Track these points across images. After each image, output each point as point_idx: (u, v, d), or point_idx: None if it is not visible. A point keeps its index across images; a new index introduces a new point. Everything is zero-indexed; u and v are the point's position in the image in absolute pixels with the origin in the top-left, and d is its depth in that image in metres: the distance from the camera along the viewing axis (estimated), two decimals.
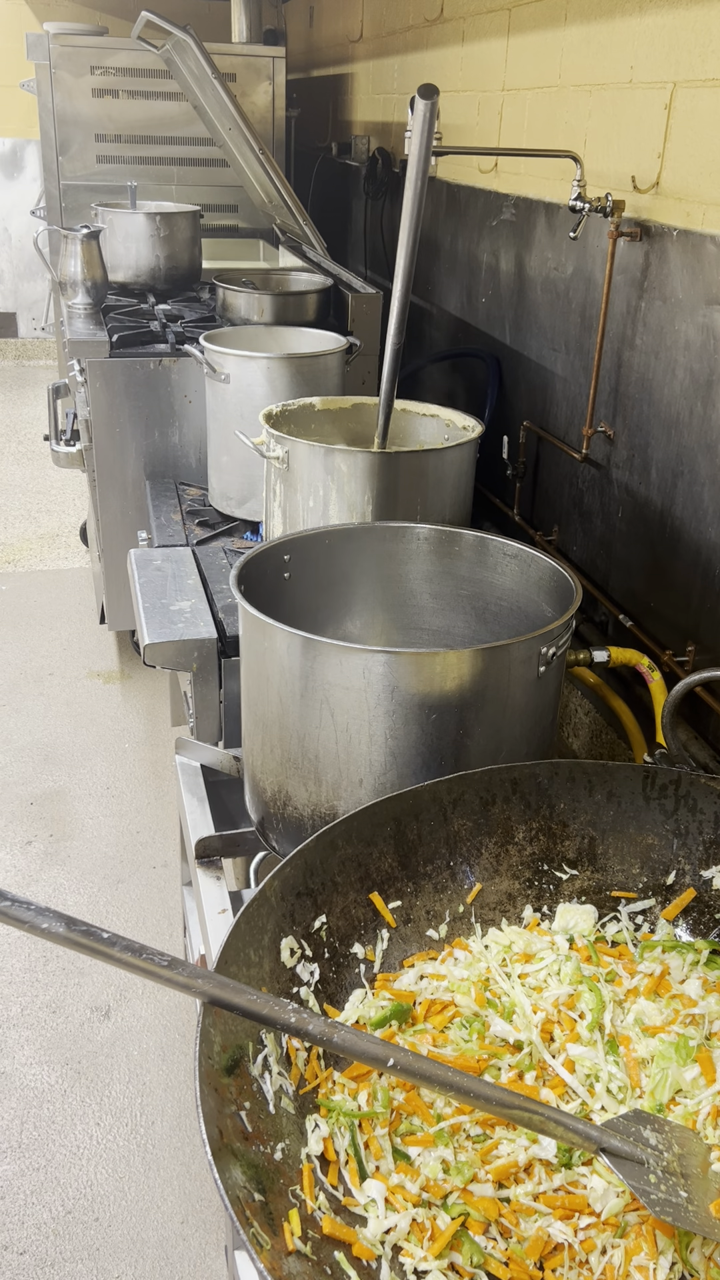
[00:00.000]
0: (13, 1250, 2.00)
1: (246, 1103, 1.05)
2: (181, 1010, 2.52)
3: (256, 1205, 0.96)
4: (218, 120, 3.79)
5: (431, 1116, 1.13)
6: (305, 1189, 1.04)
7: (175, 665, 1.99)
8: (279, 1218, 0.97)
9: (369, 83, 4.16)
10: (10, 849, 3.01)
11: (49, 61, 4.28)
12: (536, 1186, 1.06)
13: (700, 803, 1.37)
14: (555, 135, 2.38)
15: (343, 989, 1.27)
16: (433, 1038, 1.22)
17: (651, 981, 1.27)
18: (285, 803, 1.55)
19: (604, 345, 2.16)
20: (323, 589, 1.81)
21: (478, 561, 1.79)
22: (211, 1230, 2.05)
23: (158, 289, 3.72)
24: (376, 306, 3.15)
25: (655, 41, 1.94)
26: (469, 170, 3.00)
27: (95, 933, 0.93)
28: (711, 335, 1.80)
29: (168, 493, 2.94)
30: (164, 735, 3.56)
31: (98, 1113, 2.27)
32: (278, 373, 2.48)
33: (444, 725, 1.44)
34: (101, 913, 2.79)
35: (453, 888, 1.37)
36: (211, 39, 3.62)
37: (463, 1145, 1.10)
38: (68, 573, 4.70)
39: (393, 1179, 1.07)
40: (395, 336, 1.88)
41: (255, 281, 3.41)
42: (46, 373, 7.84)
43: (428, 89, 1.63)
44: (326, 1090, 1.15)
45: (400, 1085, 1.15)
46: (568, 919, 1.37)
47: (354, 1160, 1.09)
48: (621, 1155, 1.00)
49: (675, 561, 1.97)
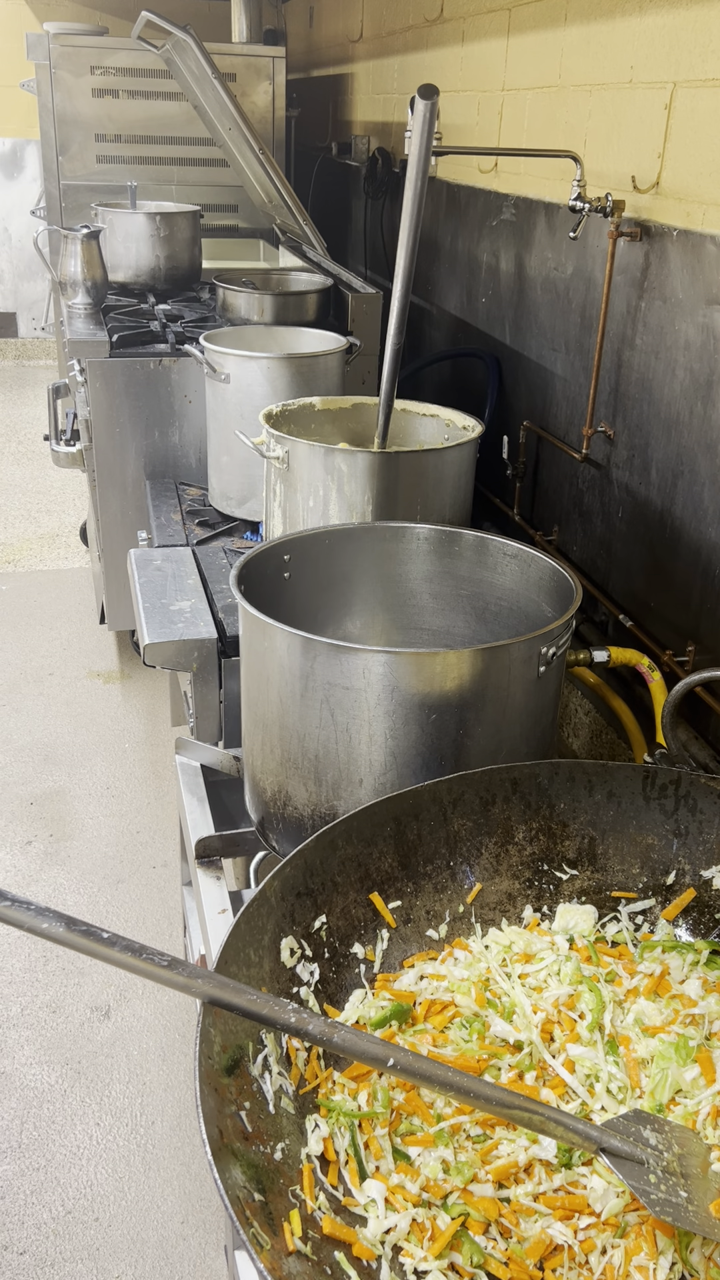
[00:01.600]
0: (13, 1250, 2.00)
1: (246, 1103, 1.05)
2: (181, 1010, 2.52)
3: (256, 1205, 0.96)
4: (218, 120, 3.79)
5: (431, 1116, 1.13)
6: (305, 1189, 1.04)
7: (175, 665, 1.99)
8: (279, 1218, 0.97)
9: (369, 83, 4.16)
10: (10, 849, 3.01)
11: (49, 61, 4.28)
12: (536, 1187, 1.06)
13: (700, 803, 1.37)
14: (555, 135, 2.38)
15: (343, 989, 1.27)
16: (433, 1038, 1.22)
17: (651, 981, 1.27)
18: (285, 803, 1.55)
19: (604, 345, 2.16)
20: (323, 589, 1.81)
21: (478, 561, 1.79)
22: (211, 1230, 2.05)
23: (158, 289, 3.72)
24: (376, 306, 3.15)
25: (655, 41, 1.94)
26: (469, 170, 3.00)
27: (95, 933, 0.93)
28: (711, 335, 1.80)
29: (168, 493, 2.94)
30: (164, 735, 3.56)
31: (98, 1113, 2.27)
32: (278, 373, 2.48)
33: (444, 725, 1.44)
34: (101, 913, 2.79)
35: (453, 888, 1.37)
36: (211, 39, 3.62)
37: (463, 1145, 1.10)
38: (68, 573, 4.70)
39: (393, 1179, 1.07)
40: (395, 336, 1.88)
41: (255, 281, 3.41)
42: (46, 373, 7.84)
43: (428, 89, 1.63)
44: (326, 1090, 1.15)
45: (400, 1085, 1.15)
46: (568, 919, 1.37)
47: (354, 1160, 1.09)
48: (621, 1155, 1.00)
49: (675, 561, 1.97)
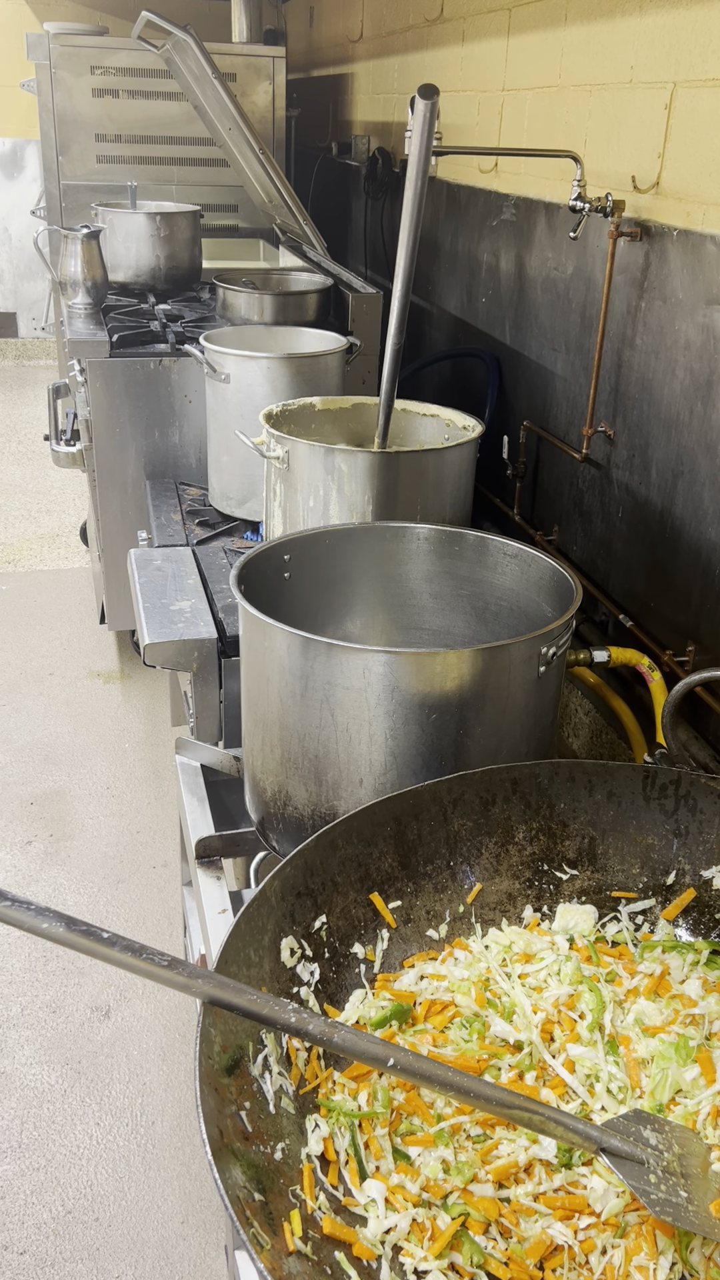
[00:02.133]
0: (13, 1250, 2.00)
1: (246, 1103, 1.05)
2: (181, 1010, 2.52)
3: (256, 1205, 0.96)
4: (218, 120, 3.79)
5: (431, 1116, 1.13)
6: (305, 1189, 1.04)
7: (175, 665, 1.99)
8: (279, 1218, 0.97)
9: (369, 83, 4.16)
10: (10, 849, 3.01)
11: (49, 61, 4.28)
12: (537, 1187, 1.06)
13: (700, 803, 1.37)
14: (555, 135, 2.38)
15: (343, 989, 1.27)
16: (433, 1038, 1.22)
17: (651, 982, 1.27)
18: (285, 803, 1.55)
19: (604, 345, 2.16)
20: (323, 589, 1.81)
21: (478, 561, 1.79)
22: (211, 1230, 2.05)
23: (158, 289, 3.72)
24: (376, 306, 3.15)
25: (655, 41, 1.94)
26: (469, 170, 3.00)
27: (95, 933, 0.93)
28: (711, 335, 1.80)
29: (168, 493, 2.94)
30: (164, 735, 3.56)
31: (98, 1113, 2.27)
32: (278, 373, 2.48)
33: (444, 725, 1.44)
34: (101, 913, 2.79)
35: (453, 888, 1.37)
36: (211, 39, 3.62)
37: (463, 1145, 1.10)
38: (68, 573, 4.70)
39: (393, 1179, 1.07)
40: (395, 336, 1.88)
41: (255, 281, 3.41)
42: (46, 373, 7.84)
43: (428, 89, 1.63)
44: (326, 1090, 1.15)
45: (400, 1085, 1.15)
46: (568, 919, 1.37)
47: (354, 1160, 1.09)
48: (621, 1155, 1.00)
49: (675, 561, 1.97)
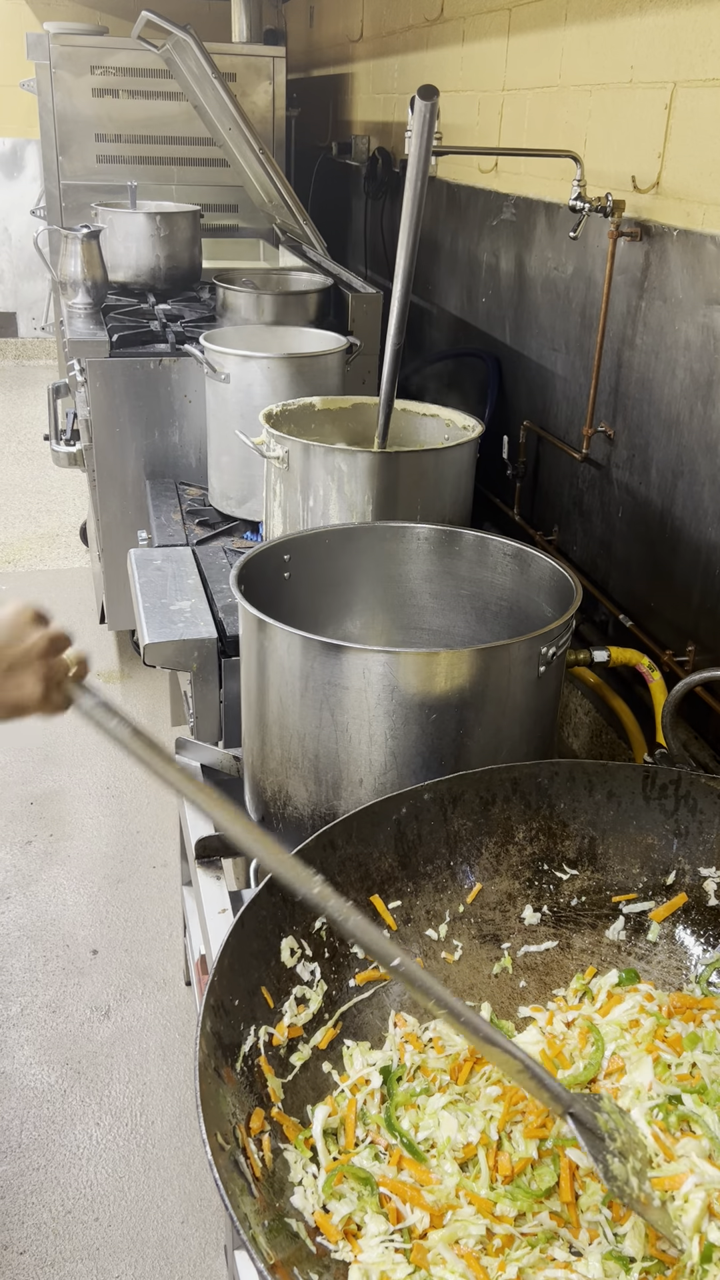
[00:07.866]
0: (13, 1250, 2.00)
1: None
2: (181, 1010, 2.52)
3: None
4: (218, 120, 3.79)
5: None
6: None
7: (175, 665, 1.99)
8: None
9: (369, 82, 4.15)
10: (10, 849, 3.01)
11: (49, 61, 4.28)
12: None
13: (700, 803, 1.37)
14: (555, 135, 2.38)
15: (343, 989, 1.27)
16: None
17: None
18: (285, 803, 1.55)
19: (604, 345, 2.16)
20: (323, 589, 1.81)
21: (478, 561, 1.79)
22: (211, 1230, 2.05)
23: (158, 289, 3.71)
24: (376, 306, 3.15)
25: (655, 41, 1.94)
26: (469, 170, 3.00)
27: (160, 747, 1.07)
28: (711, 335, 1.80)
29: (168, 492, 2.94)
30: (164, 735, 3.55)
31: (98, 1113, 2.27)
32: (278, 373, 2.48)
33: (444, 725, 1.44)
34: (101, 912, 2.79)
35: (453, 888, 1.37)
36: (211, 39, 3.62)
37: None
38: (68, 573, 4.69)
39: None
40: (395, 336, 1.88)
41: (255, 281, 3.41)
42: (46, 373, 7.83)
43: (428, 89, 1.63)
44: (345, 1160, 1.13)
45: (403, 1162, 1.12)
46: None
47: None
48: (586, 1125, 1.03)
49: (675, 561, 1.97)
